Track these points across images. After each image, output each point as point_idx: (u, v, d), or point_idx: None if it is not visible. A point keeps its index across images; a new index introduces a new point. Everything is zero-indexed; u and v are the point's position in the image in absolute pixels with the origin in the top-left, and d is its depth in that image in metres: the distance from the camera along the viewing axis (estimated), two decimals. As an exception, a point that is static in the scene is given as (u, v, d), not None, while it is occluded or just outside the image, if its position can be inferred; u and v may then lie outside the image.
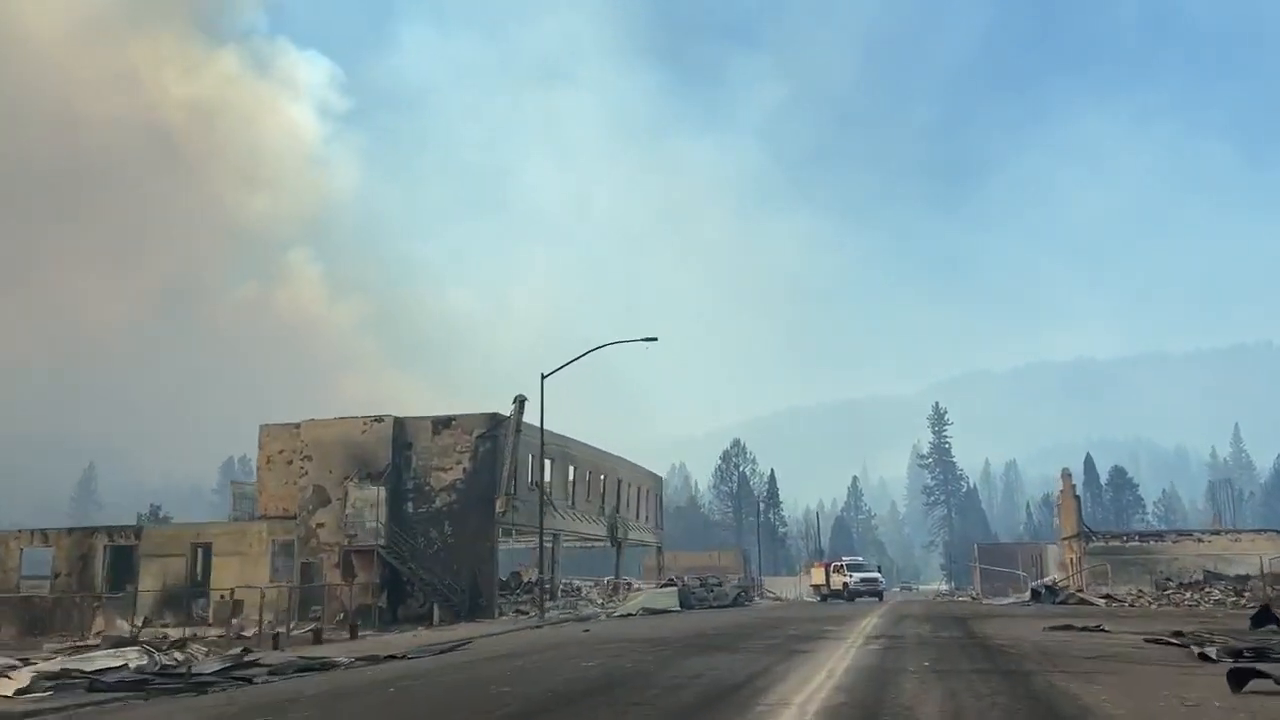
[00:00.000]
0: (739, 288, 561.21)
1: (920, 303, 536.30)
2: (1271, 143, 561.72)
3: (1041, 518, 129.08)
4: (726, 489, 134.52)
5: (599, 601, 43.76)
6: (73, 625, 36.09)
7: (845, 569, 59.19)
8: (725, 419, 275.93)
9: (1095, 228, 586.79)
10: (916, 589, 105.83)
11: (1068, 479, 64.73)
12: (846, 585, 55.94)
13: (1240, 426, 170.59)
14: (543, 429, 34.75)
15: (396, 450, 37.55)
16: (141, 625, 35.12)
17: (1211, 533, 59.21)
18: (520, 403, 36.54)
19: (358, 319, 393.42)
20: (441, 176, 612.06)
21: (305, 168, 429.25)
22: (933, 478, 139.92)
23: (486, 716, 10.38)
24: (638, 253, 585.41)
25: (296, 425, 38.82)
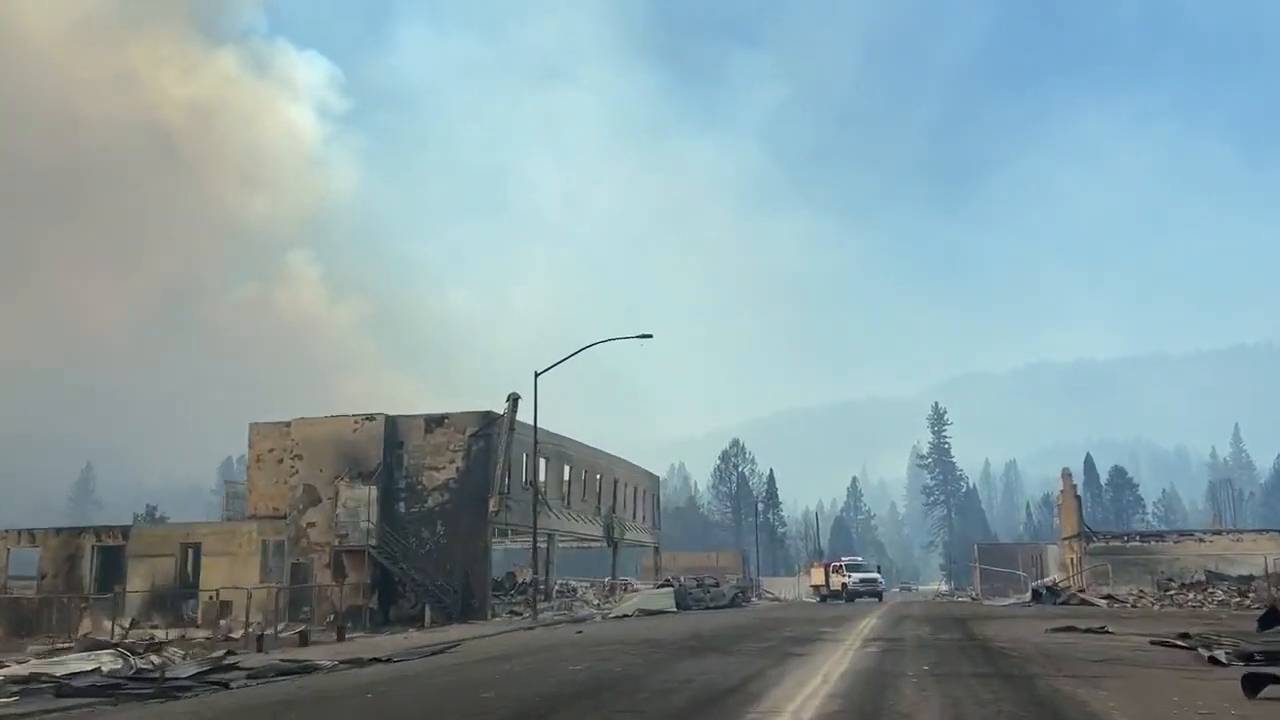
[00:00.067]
0: (739, 288, 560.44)
1: (920, 303, 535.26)
2: (1271, 143, 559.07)
3: (1041, 518, 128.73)
4: (725, 489, 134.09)
5: (595, 602, 43.29)
6: (59, 627, 35.57)
7: (844, 569, 58.74)
8: (725, 419, 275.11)
9: (1095, 228, 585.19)
10: (916, 589, 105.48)
11: (1068, 479, 64.28)
12: (845, 586, 55.51)
13: (1240, 427, 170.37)
14: (536, 427, 34.24)
15: (388, 449, 37.07)
16: (129, 627, 34.71)
17: (1213, 533, 58.81)
18: (514, 401, 35.96)
19: (357, 319, 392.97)
20: (441, 176, 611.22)
21: (305, 168, 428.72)
22: (932, 478, 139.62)
23: (464, 724, 9.94)
24: (638, 253, 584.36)
25: (287, 424, 38.33)
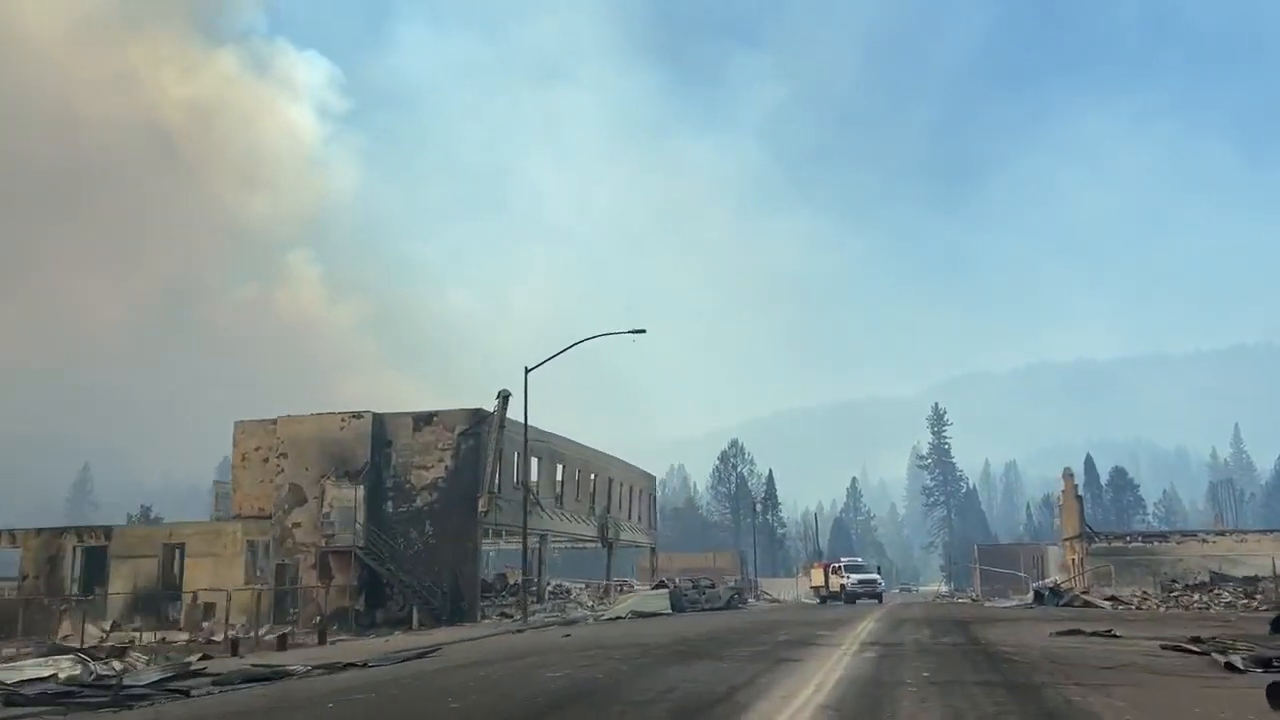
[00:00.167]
0: (739, 288, 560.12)
1: (920, 303, 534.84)
2: (1271, 143, 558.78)
3: (1042, 519, 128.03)
4: (724, 490, 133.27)
5: (589, 604, 42.50)
6: (40, 629, 34.73)
7: (844, 570, 57.94)
8: (725, 420, 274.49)
9: (1095, 228, 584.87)
10: (916, 590, 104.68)
11: (1070, 479, 63.46)
12: (844, 587, 54.74)
13: (1240, 427, 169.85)
14: (526, 425, 33.38)
15: (376, 447, 36.25)
16: (110, 629, 33.96)
17: (1216, 533, 58.08)
18: (504, 398, 35.10)
19: (357, 319, 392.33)
20: (441, 176, 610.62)
21: (305, 168, 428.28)
22: (932, 478, 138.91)
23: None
24: (638, 253, 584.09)
25: (273, 421, 37.49)
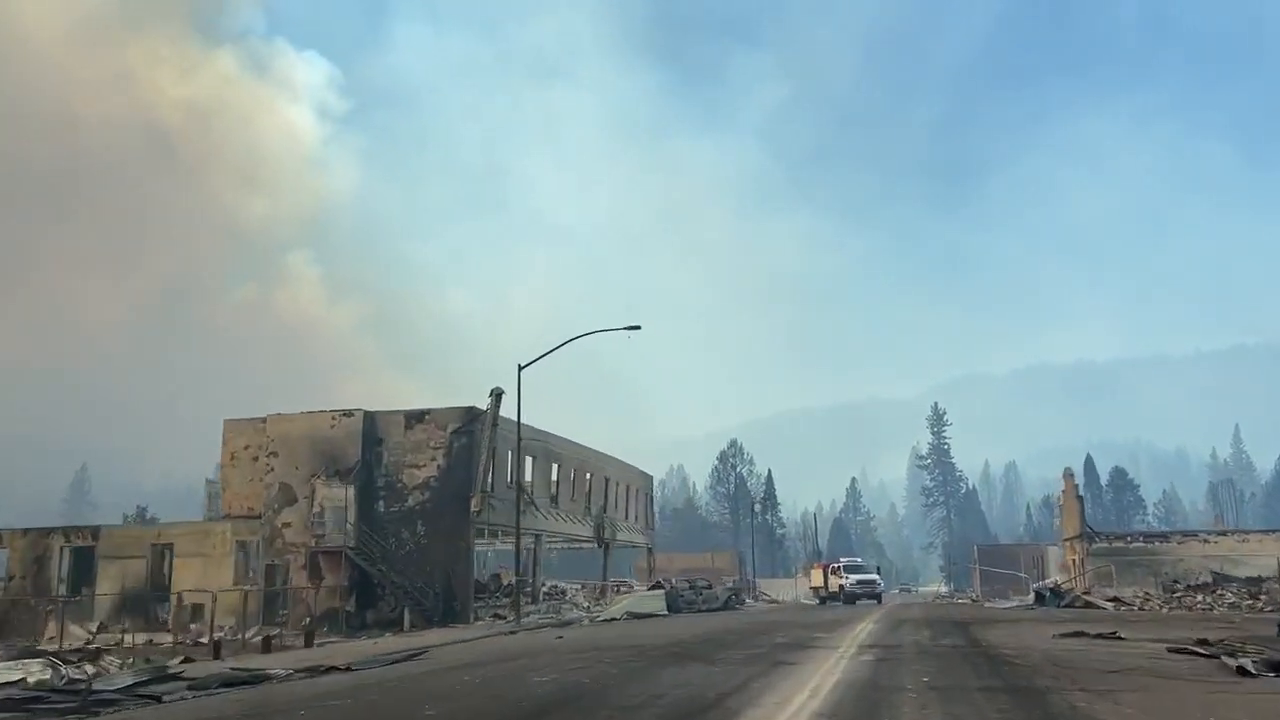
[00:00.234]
0: (739, 288, 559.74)
1: (920, 303, 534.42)
2: (1271, 143, 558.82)
3: (1042, 519, 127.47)
4: (724, 490, 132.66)
5: (584, 605, 42.00)
6: (25, 630, 34.26)
7: (843, 571, 57.46)
8: (725, 420, 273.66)
9: (1095, 228, 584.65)
10: (916, 591, 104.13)
11: (1070, 479, 62.91)
12: (844, 587, 54.28)
13: (1240, 427, 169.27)
14: (519, 423, 32.89)
15: (367, 446, 35.74)
16: (97, 631, 33.45)
17: (1218, 533, 57.51)
18: (497, 396, 34.55)
19: (357, 320, 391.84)
20: (441, 176, 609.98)
21: (304, 169, 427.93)
22: (932, 479, 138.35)
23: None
24: (638, 253, 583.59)
25: (262, 420, 36.97)
